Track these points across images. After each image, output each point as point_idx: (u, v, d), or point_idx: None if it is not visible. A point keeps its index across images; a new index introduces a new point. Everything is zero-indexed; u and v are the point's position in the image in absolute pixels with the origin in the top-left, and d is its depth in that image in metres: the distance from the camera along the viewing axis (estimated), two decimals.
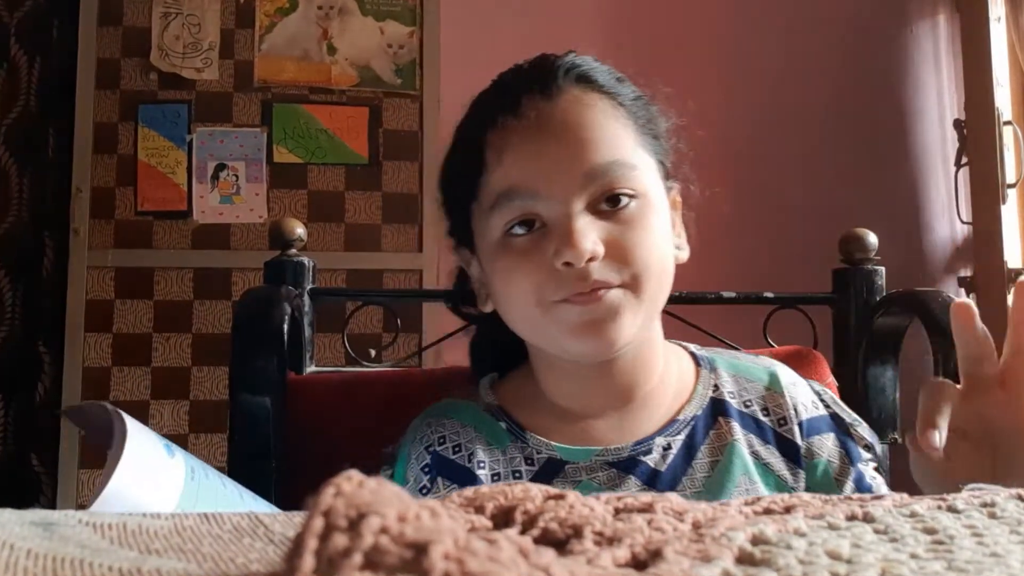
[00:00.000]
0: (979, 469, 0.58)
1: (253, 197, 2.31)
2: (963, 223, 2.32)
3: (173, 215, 2.30)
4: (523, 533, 0.29)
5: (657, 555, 0.27)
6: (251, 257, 2.23)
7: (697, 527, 0.31)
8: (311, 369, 1.03)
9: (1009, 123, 2.12)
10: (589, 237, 0.65)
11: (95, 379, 2.23)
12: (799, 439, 0.74)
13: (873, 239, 1.07)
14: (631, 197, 0.68)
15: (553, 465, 0.72)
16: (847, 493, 0.70)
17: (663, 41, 2.30)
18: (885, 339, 1.04)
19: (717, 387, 0.76)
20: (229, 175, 2.31)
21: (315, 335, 1.06)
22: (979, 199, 2.18)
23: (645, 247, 0.68)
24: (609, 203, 0.68)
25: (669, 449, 0.72)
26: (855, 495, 0.38)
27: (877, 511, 0.33)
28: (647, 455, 0.71)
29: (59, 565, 0.27)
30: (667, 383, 0.75)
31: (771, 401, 0.76)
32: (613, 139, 0.69)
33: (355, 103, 2.35)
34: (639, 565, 0.27)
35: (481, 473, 0.72)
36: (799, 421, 0.75)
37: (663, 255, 0.70)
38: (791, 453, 0.73)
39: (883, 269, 1.07)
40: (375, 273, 2.31)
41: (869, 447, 0.76)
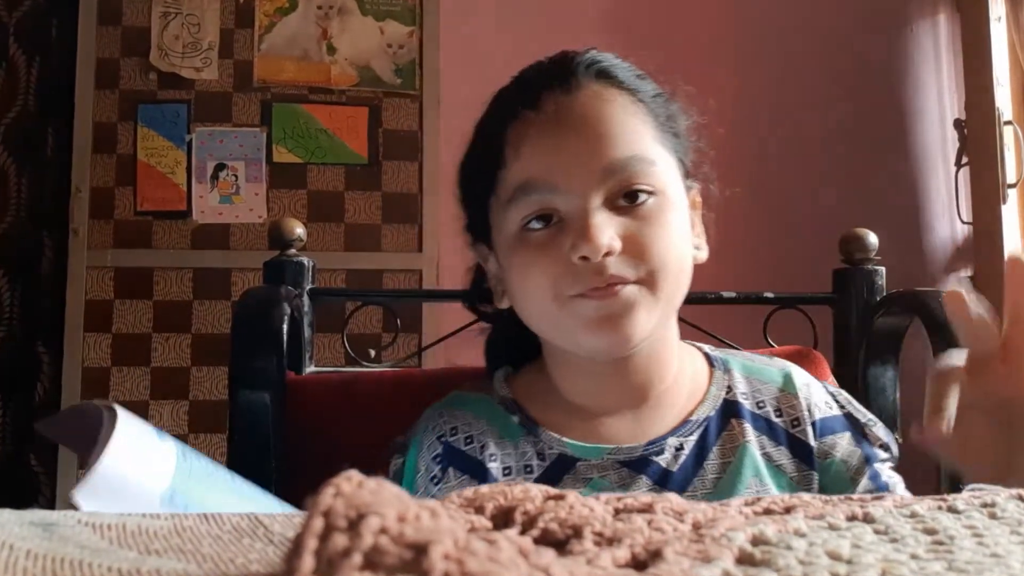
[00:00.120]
0: (996, 446, 0.58)
1: (253, 197, 2.31)
2: (963, 223, 2.31)
3: (172, 215, 2.29)
4: (523, 533, 0.29)
5: (657, 555, 0.27)
6: (251, 257, 2.23)
7: (697, 527, 0.30)
8: (311, 369, 1.03)
9: (1009, 123, 2.12)
10: (606, 232, 0.65)
11: (94, 379, 2.23)
12: (812, 440, 0.74)
13: (873, 239, 1.07)
14: (649, 193, 0.68)
15: (564, 462, 0.71)
16: (863, 492, 0.70)
17: (662, 42, 2.30)
18: (885, 339, 1.04)
19: (730, 388, 0.76)
20: (228, 175, 2.31)
21: (315, 335, 1.06)
22: (979, 199, 2.18)
23: (662, 244, 0.67)
24: (627, 199, 0.67)
25: (681, 450, 0.72)
26: (855, 495, 0.38)
27: (877, 511, 0.33)
28: (659, 455, 0.71)
29: (58, 565, 0.27)
30: (681, 383, 0.75)
31: (784, 402, 0.75)
32: (632, 135, 0.69)
33: (355, 103, 2.35)
34: (639, 565, 0.26)
35: (492, 466, 0.71)
36: (812, 421, 0.74)
37: (680, 253, 0.70)
38: (803, 454, 0.73)
39: (883, 269, 1.07)
40: (375, 273, 2.31)
41: (885, 447, 0.75)
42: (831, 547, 0.28)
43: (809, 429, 0.74)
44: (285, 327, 0.92)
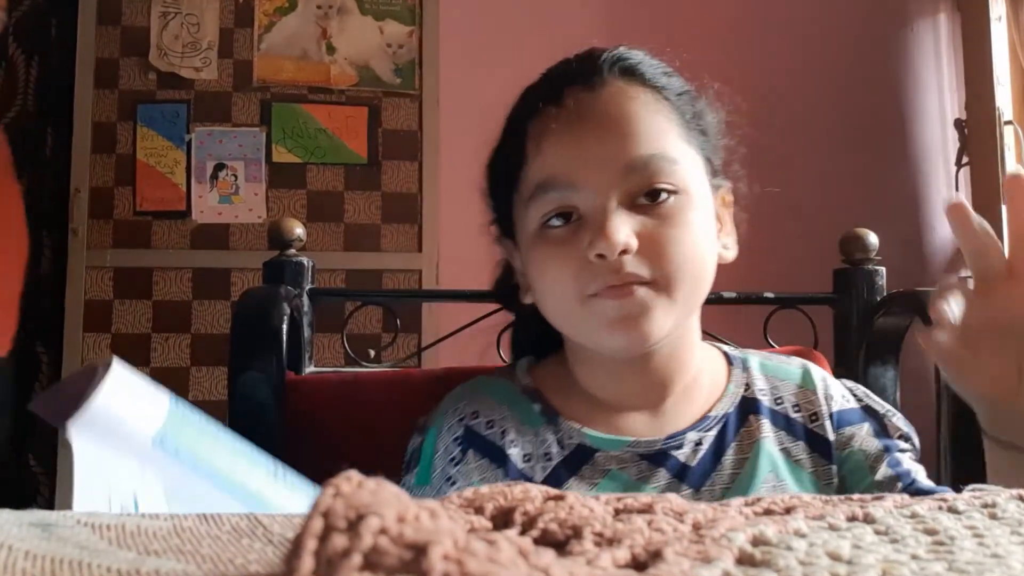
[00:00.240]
0: (1005, 367, 0.59)
1: (252, 197, 2.31)
2: None
3: (172, 215, 2.30)
4: (523, 534, 0.29)
5: (657, 556, 0.27)
6: (250, 257, 2.23)
7: (697, 528, 0.30)
8: (310, 369, 1.03)
9: (1010, 123, 2.12)
10: (622, 230, 0.65)
11: None
12: (830, 433, 0.74)
13: (874, 239, 1.07)
14: (671, 192, 0.67)
15: (584, 452, 0.71)
16: (882, 481, 0.70)
17: (661, 42, 2.29)
18: (886, 339, 1.04)
19: (748, 386, 0.76)
20: (228, 175, 2.31)
21: (314, 335, 1.06)
22: (980, 199, 2.19)
23: (680, 244, 0.67)
24: (648, 197, 0.67)
25: (700, 445, 0.72)
26: (855, 495, 0.38)
27: (878, 512, 0.33)
28: (678, 449, 0.71)
29: (57, 566, 0.27)
30: (701, 381, 0.76)
31: (803, 398, 0.76)
32: (655, 132, 0.69)
33: (354, 103, 2.35)
34: (639, 566, 0.26)
35: (512, 452, 0.71)
36: (830, 413, 0.75)
37: (700, 254, 0.69)
38: (822, 449, 0.73)
39: (884, 269, 1.07)
40: (374, 273, 2.31)
41: (905, 436, 0.75)
42: (831, 548, 0.28)
43: (827, 423, 0.74)
44: (285, 327, 0.92)
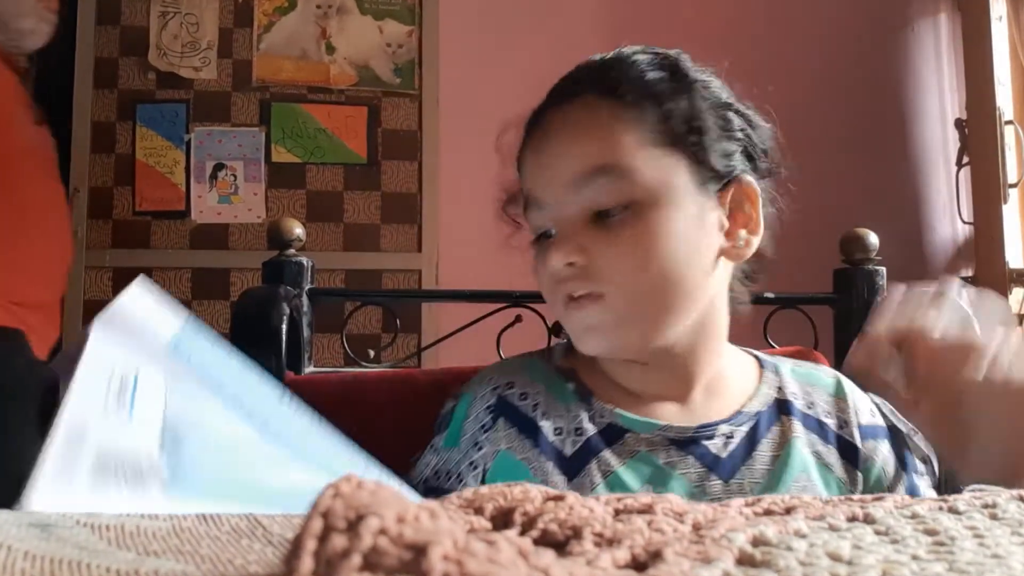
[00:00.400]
0: (952, 430, 0.61)
1: (251, 197, 2.31)
2: (964, 223, 2.32)
3: (171, 215, 2.29)
4: (523, 534, 0.29)
5: (657, 556, 0.27)
6: (249, 257, 2.23)
7: (697, 528, 0.30)
8: (310, 369, 1.03)
9: (1010, 122, 2.12)
10: (563, 248, 0.68)
11: None
12: (858, 442, 0.75)
13: (874, 239, 1.07)
14: (624, 206, 0.68)
15: (614, 431, 0.72)
16: None
17: (663, 41, 2.29)
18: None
19: (781, 388, 0.77)
20: (227, 175, 2.31)
21: (314, 335, 1.05)
22: (980, 199, 2.19)
23: (628, 259, 0.67)
24: (603, 212, 0.69)
25: (731, 438, 0.72)
26: (855, 496, 0.38)
27: (878, 512, 0.33)
28: (709, 440, 0.72)
29: (56, 566, 0.27)
30: (729, 378, 0.76)
31: (835, 406, 0.77)
32: (609, 143, 0.68)
33: (354, 102, 2.35)
34: (639, 566, 0.26)
35: (544, 424, 0.72)
36: (858, 424, 0.76)
37: (662, 264, 0.68)
38: (851, 455, 0.74)
39: (884, 269, 1.07)
40: (374, 273, 2.31)
41: (926, 459, 0.76)
42: (832, 548, 0.28)
43: (856, 432, 0.75)
44: (284, 327, 0.92)
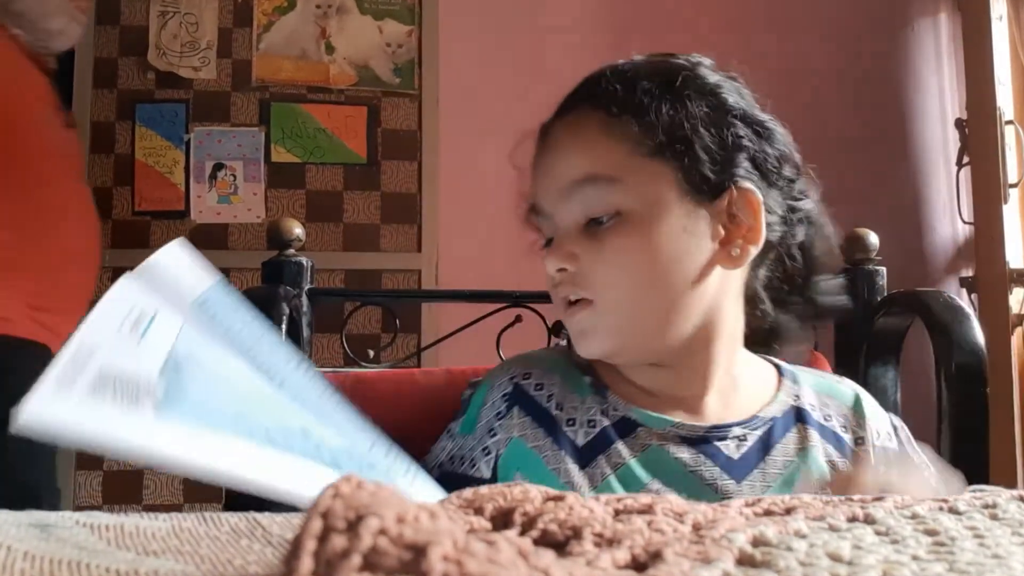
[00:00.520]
0: None
1: (251, 197, 2.31)
2: (964, 223, 2.31)
3: (171, 215, 2.29)
4: (522, 534, 0.29)
5: (657, 556, 0.27)
6: (249, 257, 2.23)
7: (697, 529, 0.30)
8: None
9: (1011, 122, 2.12)
10: (556, 255, 0.71)
11: None
12: (872, 460, 0.74)
13: (874, 239, 1.07)
14: (611, 215, 0.69)
15: (627, 424, 0.72)
16: None
17: (662, 40, 2.29)
18: (886, 339, 1.04)
19: (798, 396, 0.77)
20: (227, 175, 2.31)
21: (313, 335, 1.05)
22: (980, 199, 2.18)
23: (614, 267, 0.69)
24: (595, 220, 0.70)
25: (744, 440, 0.72)
26: (856, 496, 0.38)
27: (878, 513, 0.33)
28: (721, 440, 0.72)
29: (56, 567, 0.27)
30: (744, 381, 0.76)
31: (852, 421, 0.77)
32: (594, 154, 0.70)
33: (353, 102, 2.35)
34: (639, 567, 0.26)
35: (557, 415, 0.73)
36: (873, 444, 0.76)
37: (649, 273, 0.69)
38: None
39: (884, 269, 1.07)
40: (374, 273, 2.31)
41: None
42: (832, 548, 0.28)
43: (871, 450, 0.75)
44: (284, 327, 0.92)
